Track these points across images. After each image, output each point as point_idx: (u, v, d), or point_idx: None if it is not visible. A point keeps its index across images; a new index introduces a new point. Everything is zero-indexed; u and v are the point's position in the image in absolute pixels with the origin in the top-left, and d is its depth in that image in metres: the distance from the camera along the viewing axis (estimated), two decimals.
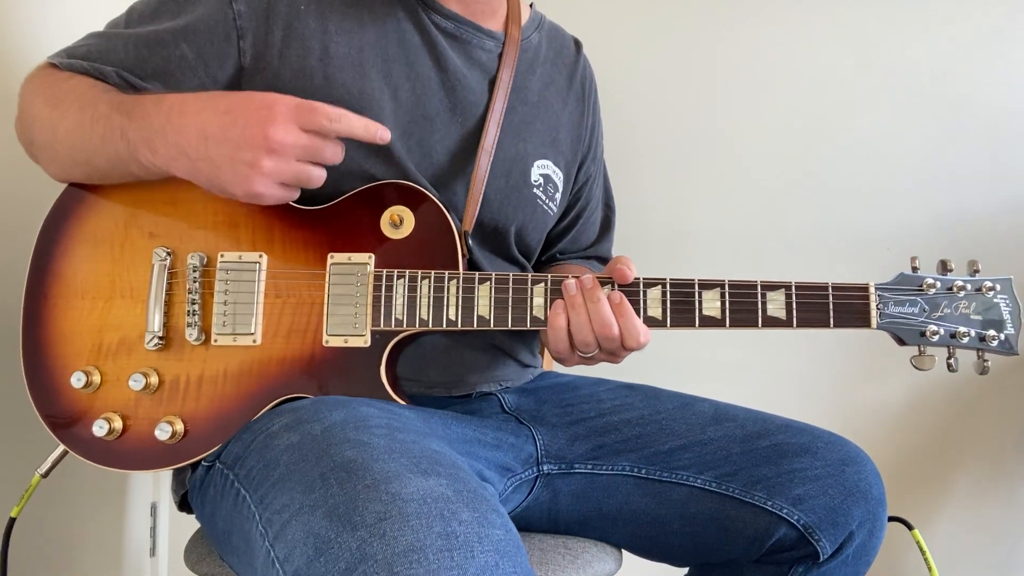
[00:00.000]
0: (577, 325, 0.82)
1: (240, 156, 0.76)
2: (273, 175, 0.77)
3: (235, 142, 0.76)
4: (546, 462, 0.93)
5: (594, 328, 0.81)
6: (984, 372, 0.83)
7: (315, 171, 0.79)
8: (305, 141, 0.77)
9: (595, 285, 0.83)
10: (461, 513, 0.59)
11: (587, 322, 0.82)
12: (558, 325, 0.82)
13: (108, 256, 0.87)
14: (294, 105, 0.77)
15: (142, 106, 0.81)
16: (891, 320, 0.83)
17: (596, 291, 0.82)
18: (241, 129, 0.76)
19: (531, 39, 1.04)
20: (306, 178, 0.79)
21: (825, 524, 0.87)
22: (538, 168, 1.00)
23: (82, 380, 0.84)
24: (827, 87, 1.59)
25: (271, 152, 0.76)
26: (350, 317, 0.84)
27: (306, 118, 0.77)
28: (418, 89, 0.92)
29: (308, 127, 0.77)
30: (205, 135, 0.77)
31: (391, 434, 0.70)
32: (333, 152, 0.80)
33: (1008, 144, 1.53)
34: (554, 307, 0.83)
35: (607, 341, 0.82)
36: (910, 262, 0.85)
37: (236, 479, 0.75)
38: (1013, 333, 0.82)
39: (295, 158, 0.77)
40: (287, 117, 0.76)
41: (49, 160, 0.88)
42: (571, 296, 0.83)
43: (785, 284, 0.83)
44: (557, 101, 1.05)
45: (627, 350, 0.83)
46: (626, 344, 0.82)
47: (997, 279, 0.83)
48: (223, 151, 0.76)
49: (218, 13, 0.86)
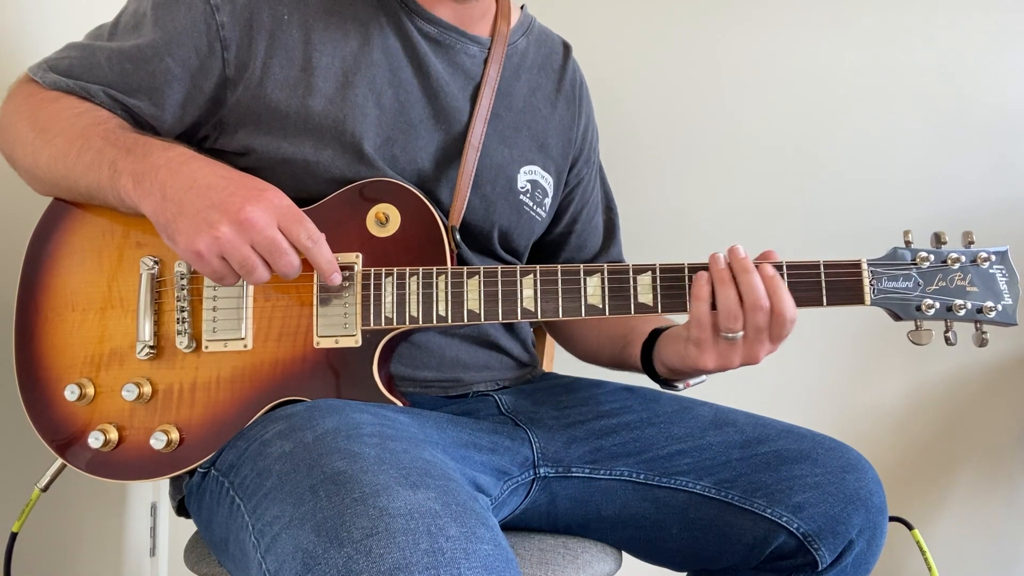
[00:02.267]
0: (724, 297, 0.78)
1: (206, 213, 0.75)
2: (222, 244, 0.74)
3: (212, 201, 0.75)
4: (543, 465, 0.92)
5: (744, 301, 0.78)
6: (983, 344, 0.81)
7: (261, 269, 0.76)
8: (272, 235, 0.75)
9: (746, 256, 0.80)
10: (449, 528, 0.60)
11: (735, 295, 0.78)
12: (702, 296, 0.79)
13: (96, 267, 0.87)
14: (286, 204, 0.77)
15: (147, 146, 0.80)
16: (885, 296, 0.82)
17: (747, 261, 0.80)
18: (227, 194, 0.75)
19: (517, 44, 1.02)
20: (249, 268, 0.76)
21: (825, 533, 0.86)
22: (525, 174, 1.00)
23: (76, 393, 0.84)
24: (828, 86, 1.58)
25: (235, 223, 0.74)
26: (340, 317, 0.84)
27: (288, 221, 0.76)
28: (401, 96, 0.91)
29: (285, 230, 0.76)
30: (192, 185, 0.76)
31: (383, 443, 0.70)
32: (287, 264, 0.77)
33: (1009, 143, 1.52)
34: (697, 278, 0.80)
35: (756, 313, 0.78)
36: (903, 236, 0.83)
37: (231, 487, 0.75)
38: (1011, 303, 0.81)
39: (251, 243, 0.75)
40: (271, 207, 0.75)
41: (29, 178, 0.88)
42: (719, 270, 0.80)
43: (776, 264, 0.82)
44: (545, 106, 1.04)
45: (777, 330, 0.79)
46: (780, 320, 0.78)
47: (993, 250, 0.82)
48: (196, 203, 0.75)
49: (201, 24, 0.85)
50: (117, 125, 0.84)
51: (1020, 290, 0.81)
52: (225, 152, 0.88)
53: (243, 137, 0.87)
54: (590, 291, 0.84)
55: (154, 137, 0.84)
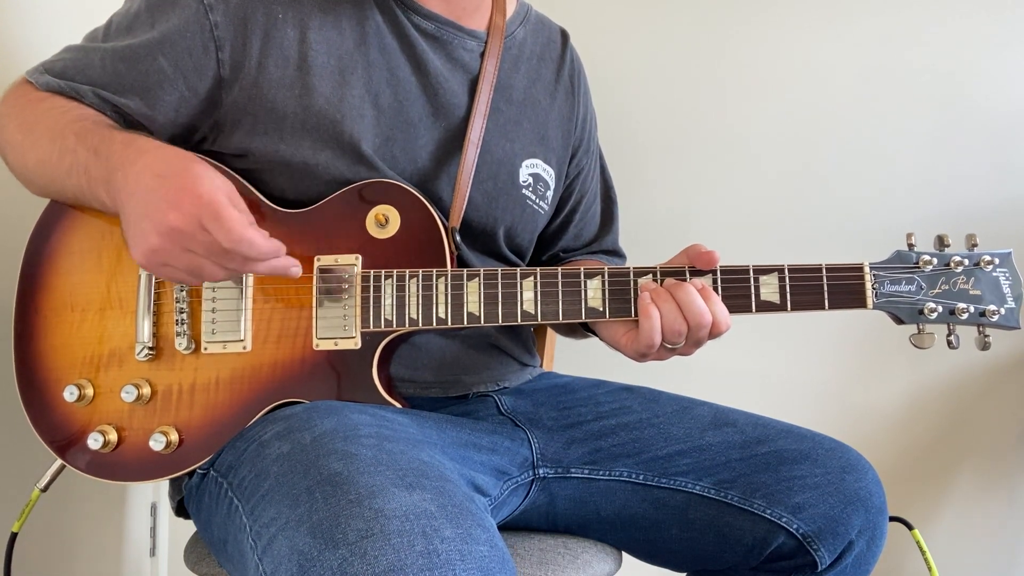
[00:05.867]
0: (670, 317, 0.80)
1: (141, 224, 0.73)
2: (160, 254, 0.73)
3: (145, 209, 0.73)
4: (542, 466, 0.92)
5: (687, 318, 0.80)
6: (986, 348, 0.81)
7: (208, 268, 0.74)
8: (202, 239, 0.72)
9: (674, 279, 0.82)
10: (444, 530, 0.59)
11: (678, 313, 0.80)
12: (652, 315, 0.81)
13: (96, 267, 0.87)
14: (206, 201, 0.71)
15: (110, 144, 0.78)
16: (888, 299, 0.81)
17: (679, 284, 0.81)
18: (155, 200, 0.72)
19: (515, 35, 1.02)
20: (196, 272, 0.74)
21: (824, 533, 0.86)
22: (527, 168, 0.99)
23: (75, 394, 0.83)
24: (829, 86, 1.57)
25: (162, 234, 0.72)
26: (339, 319, 0.83)
27: (207, 220, 0.71)
28: (400, 95, 0.91)
29: (208, 230, 0.72)
30: (133, 190, 0.74)
31: (380, 444, 0.70)
32: (211, 271, 0.74)
33: (1009, 144, 1.51)
34: (642, 301, 0.81)
35: (700, 329, 0.80)
36: (906, 239, 0.83)
37: (230, 488, 0.75)
38: (1014, 307, 0.81)
39: (187, 248, 0.72)
40: (191, 209, 0.71)
41: (25, 181, 0.88)
42: (654, 291, 0.81)
43: (778, 267, 0.82)
44: (544, 97, 1.03)
45: (714, 337, 0.82)
46: (717, 330, 0.81)
47: (996, 253, 0.82)
48: (136, 211, 0.74)
49: (195, 24, 0.84)
50: (92, 122, 0.83)
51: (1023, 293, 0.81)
52: (223, 154, 0.87)
53: (240, 139, 0.86)
54: (590, 294, 0.84)
55: (121, 131, 0.82)
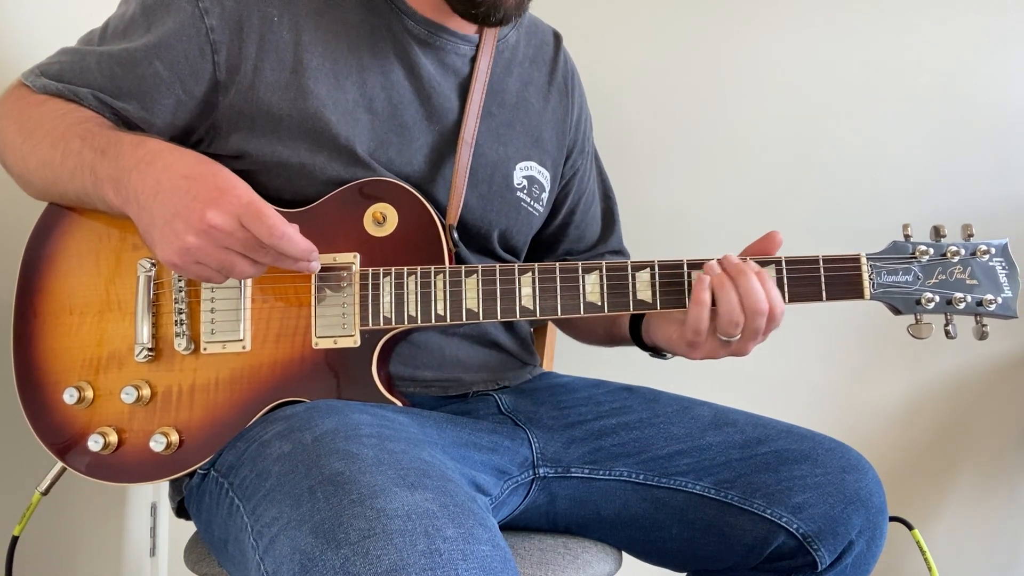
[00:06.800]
0: (727, 305, 0.78)
1: (173, 223, 0.75)
2: (194, 253, 0.75)
3: (176, 208, 0.75)
4: (542, 465, 0.92)
5: (744, 305, 0.78)
6: (983, 337, 0.81)
7: (241, 265, 0.76)
8: (241, 236, 0.74)
9: (740, 261, 0.80)
10: (446, 529, 0.59)
11: (737, 301, 0.78)
12: (702, 300, 0.79)
13: (94, 270, 0.87)
14: (246, 201, 0.75)
15: (118, 145, 0.80)
16: (885, 290, 0.81)
17: (743, 265, 0.79)
18: (188, 200, 0.75)
19: (508, 39, 1.02)
20: (228, 268, 0.76)
21: (824, 533, 0.86)
22: (521, 170, 0.99)
23: (75, 396, 0.83)
24: (827, 85, 1.57)
25: (200, 232, 0.74)
26: (338, 318, 0.84)
27: (249, 219, 0.74)
28: (394, 99, 0.91)
29: (248, 228, 0.74)
30: (157, 190, 0.76)
31: (381, 444, 0.70)
32: (242, 268, 0.76)
33: (1010, 143, 1.51)
34: (697, 281, 0.80)
35: (756, 317, 0.78)
36: (902, 229, 0.83)
37: (231, 488, 0.75)
38: (1011, 296, 0.81)
39: (224, 246, 0.75)
40: (231, 208, 0.74)
41: (24, 184, 0.88)
42: (716, 276, 0.79)
43: (775, 259, 0.82)
44: (538, 100, 1.04)
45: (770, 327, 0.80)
46: (770, 320, 0.79)
47: (993, 243, 0.82)
48: (164, 211, 0.75)
49: (191, 28, 0.84)
50: (96, 124, 0.84)
51: (1020, 282, 0.81)
52: (220, 156, 0.88)
53: (237, 141, 0.86)
54: (589, 288, 0.84)
55: (127, 132, 0.83)
